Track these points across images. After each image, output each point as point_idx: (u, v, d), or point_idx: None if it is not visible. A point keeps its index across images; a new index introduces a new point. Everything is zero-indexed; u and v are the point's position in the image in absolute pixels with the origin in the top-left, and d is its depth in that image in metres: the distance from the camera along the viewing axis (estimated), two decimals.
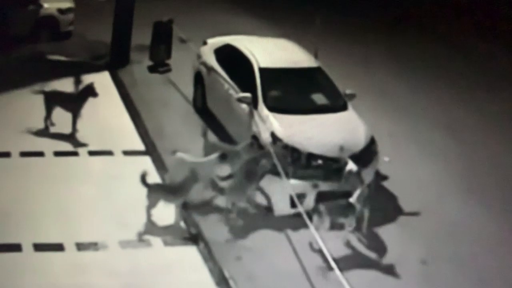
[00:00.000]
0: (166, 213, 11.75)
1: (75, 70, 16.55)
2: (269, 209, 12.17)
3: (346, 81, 15.05)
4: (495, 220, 12.53)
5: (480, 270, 11.24)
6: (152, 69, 17.55)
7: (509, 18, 22.48)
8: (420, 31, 21.26)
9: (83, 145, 13.78)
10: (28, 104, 15.11)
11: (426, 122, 15.86)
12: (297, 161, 12.27)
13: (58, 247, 10.87)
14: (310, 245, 11.25)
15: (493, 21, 22.33)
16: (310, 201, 12.00)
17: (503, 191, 13.45)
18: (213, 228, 11.66)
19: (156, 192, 11.51)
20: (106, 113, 15.08)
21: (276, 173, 11.87)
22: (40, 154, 13.38)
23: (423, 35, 20.97)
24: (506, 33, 21.38)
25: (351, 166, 11.87)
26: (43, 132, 14.08)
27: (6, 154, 13.27)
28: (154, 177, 12.80)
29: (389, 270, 11.08)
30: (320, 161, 12.25)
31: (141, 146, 13.94)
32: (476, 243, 11.86)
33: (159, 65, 17.60)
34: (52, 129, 14.21)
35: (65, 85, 15.46)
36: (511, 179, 13.87)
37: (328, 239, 11.23)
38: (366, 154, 12.71)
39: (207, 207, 12.14)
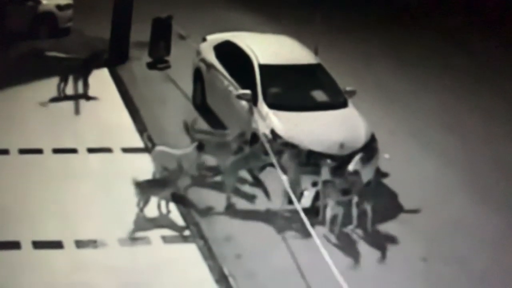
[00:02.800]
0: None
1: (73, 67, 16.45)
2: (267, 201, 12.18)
3: (347, 78, 15.02)
4: (496, 218, 12.48)
5: (480, 268, 11.21)
6: (151, 66, 17.49)
7: None
8: (422, 28, 21.20)
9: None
10: (27, 101, 15.08)
11: (428, 119, 15.81)
12: (297, 158, 12.22)
13: (57, 245, 10.84)
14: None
15: (497, 17, 22.26)
16: (308, 199, 11.95)
17: (504, 188, 13.41)
18: (213, 226, 11.63)
19: (147, 188, 11.51)
20: (105, 110, 15.04)
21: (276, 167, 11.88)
22: (38, 151, 13.33)
23: (425, 32, 20.91)
24: (509, 29, 21.31)
25: (351, 166, 11.86)
26: (42, 129, 14.05)
27: (5, 151, 13.21)
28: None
29: (389, 268, 11.04)
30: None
31: (140, 143, 13.88)
32: (477, 241, 11.82)
33: (158, 62, 17.54)
34: (52, 126, 14.17)
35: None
36: None
37: (329, 237, 11.23)
38: (367, 151, 12.67)
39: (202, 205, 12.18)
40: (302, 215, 10.89)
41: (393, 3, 22.76)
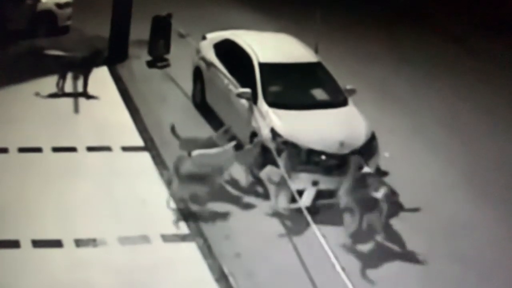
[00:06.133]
0: (163, 205, 11.82)
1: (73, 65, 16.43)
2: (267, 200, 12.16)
3: (347, 76, 15.01)
4: (497, 216, 12.48)
5: (481, 267, 11.20)
6: (151, 64, 17.48)
7: None
8: (422, 26, 21.20)
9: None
10: (26, 99, 15.07)
11: (428, 117, 15.80)
12: (297, 157, 12.21)
13: (57, 244, 10.82)
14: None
15: (498, 16, 22.23)
16: (309, 198, 11.94)
17: (505, 187, 13.40)
18: (213, 225, 11.61)
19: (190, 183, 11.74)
20: (104, 109, 15.03)
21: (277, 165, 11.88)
22: (38, 150, 13.30)
23: (425, 30, 20.90)
24: (510, 27, 21.29)
25: (366, 169, 11.86)
26: (41, 127, 14.03)
27: (4, 150, 13.19)
28: (152, 173, 12.76)
29: (390, 267, 11.03)
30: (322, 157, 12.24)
31: (140, 142, 13.88)
32: (477, 240, 11.81)
33: (158, 60, 17.53)
34: (51, 124, 14.16)
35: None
36: None
37: (328, 235, 11.18)
38: (367, 150, 12.65)
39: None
40: (306, 213, 10.88)
41: (394, 2, 22.74)
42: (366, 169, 11.92)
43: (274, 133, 12.58)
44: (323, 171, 12.15)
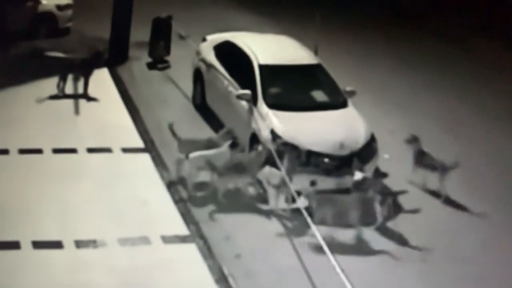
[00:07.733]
0: (163, 206, 11.82)
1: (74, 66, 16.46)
2: (265, 201, 12.17)
3: (346, 78, 15.01)
4: (495, 216, 12.48)
5: (479, 267, 11.21)
6: (151, 66, 17.49)
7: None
8: (421, 27, 21.22)
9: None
10: (27, 101, 15.08)
11: (427, 119, 15.80)
12: (297, 159, 12.23)
13: (57, 245, 10.84)
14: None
15: (496, 17, 22.25)
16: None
17: (503, 188, 13.41)
18: (213, 226, 11.63)
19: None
20: (105, 110, 15.04)
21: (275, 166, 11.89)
22: (38, 151, 13.32)
23: (425, 31, 20.91)
24: (508, 29, 21.31)
25: (358, 176, 11.88)
26: (42, 129, 14.05)
27: (5, 151, 13.21)
28: (152, 175, 12.78)
29: (389, 267, 11.05)
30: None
31: (140, 143, 13.90)
32: (475, 240, 11.83)
33: (158, 62, 17.54)
34: (52, 126, 14.18)
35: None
36: None
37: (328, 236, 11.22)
38: (366, 152, 12.68)
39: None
40: (305, 214, 10.90)
41: (393, 4, 22.76)
42: (358, 176, 11.92)
43: (274, 135, 12.60)
44: (322, 172, 12.19)
